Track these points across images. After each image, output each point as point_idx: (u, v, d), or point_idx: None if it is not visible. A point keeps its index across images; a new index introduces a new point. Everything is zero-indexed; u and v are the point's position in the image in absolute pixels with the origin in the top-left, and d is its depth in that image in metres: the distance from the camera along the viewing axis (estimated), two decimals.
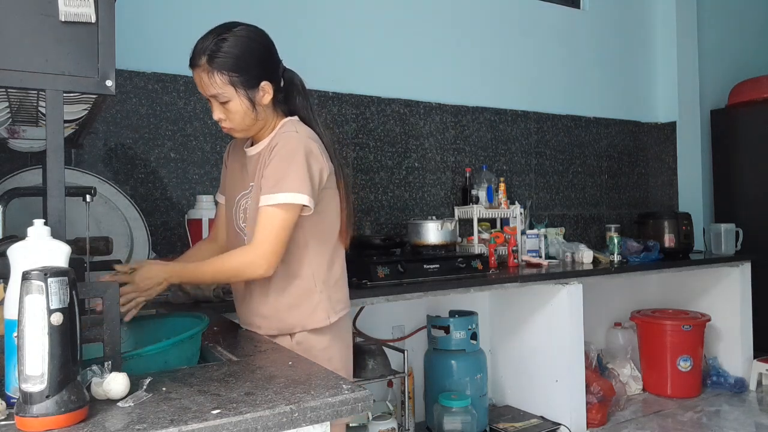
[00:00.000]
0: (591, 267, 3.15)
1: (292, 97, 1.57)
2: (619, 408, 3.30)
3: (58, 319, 0.82)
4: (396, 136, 3.17)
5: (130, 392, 0.94)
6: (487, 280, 2.68)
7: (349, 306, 1.63)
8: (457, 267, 2.66)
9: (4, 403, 0.87)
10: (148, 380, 0.98)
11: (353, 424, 2.47)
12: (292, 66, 1.59)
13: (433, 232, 2.82)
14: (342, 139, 2.99)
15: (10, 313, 0.88)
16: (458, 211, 3.30)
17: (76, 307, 0.86)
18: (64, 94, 1.08)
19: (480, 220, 3.22)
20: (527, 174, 3.66)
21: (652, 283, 3.97)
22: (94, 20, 1.07)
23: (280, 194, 1.41)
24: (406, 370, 2.58)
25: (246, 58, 1.44)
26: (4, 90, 1.18)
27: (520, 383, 3.09)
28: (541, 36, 3.74)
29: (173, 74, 2.54)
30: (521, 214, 3.29)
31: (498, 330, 3.23)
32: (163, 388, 0.99)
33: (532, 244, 3.30)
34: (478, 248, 3.09)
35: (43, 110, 1.28)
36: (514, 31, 3.63)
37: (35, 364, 0.81)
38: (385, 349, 2.62)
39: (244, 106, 1.46)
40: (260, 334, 1.50)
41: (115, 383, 0.93)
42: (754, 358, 3.67)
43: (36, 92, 1.20)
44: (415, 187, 3.23)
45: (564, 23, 3.84)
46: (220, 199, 1.73)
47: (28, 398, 0.81)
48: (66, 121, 1.37)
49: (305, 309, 1.52)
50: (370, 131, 3.09)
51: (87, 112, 1.41)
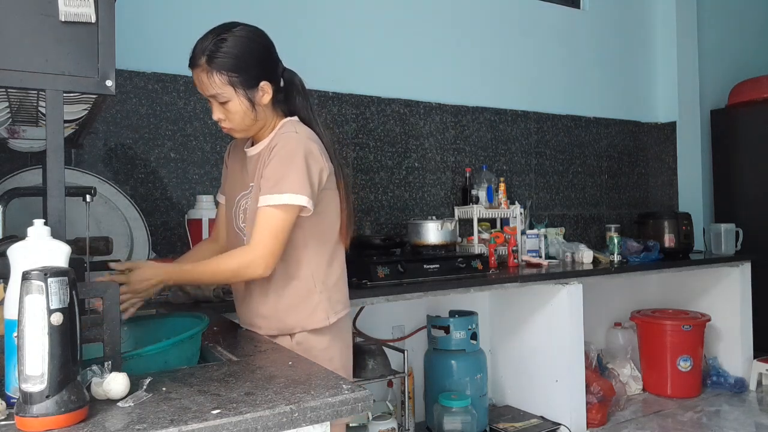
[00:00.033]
0: (591, 267, 3.15)
1: (292, 97, 1.57)
2: (619, 408, 3.30)
3: (58, 319, 0.82)
4: (396, 136, 3.17)
5: (130, 392, 0.94)
6: (487, 280, 2.68)
7: (348, 306, 1.63)
8: (457, 267, 2.66)
9: (4, 403, 0.87)
10: (148, 380, 0.98)
11: (353, 424, 2.47)
12: (292, 66, 1.59)
13: (433, 232, 2.82)
14: (342, 139, 2.99)
15: (10, 313, 0.88)
16: (458, 211, 3.30)
17: (76, 307, 0.86)
18: (64, 94, 1.08)
19: (480, 220, 3.22)
20: (527, 174, 3.66)
21: (652, 283, 3.97)
22: (94, 20, 1.07)
23: (279, 195, 1.41)
24: (406, 370, 2.58)
25: (245, 58, 1.44)
26: (4, 90, 1.18)
27: (520, 383, 3.09)
28: (541, 36, 3.74)
29: (173, 74, 2.54)
30: (521, 214, 3.29)
31: (498, 330, 3.23)
32: (163, 388, 0.99)
33: (532, 244, 3.30)
34: (478, 248, 3.09)
35: (43, 110, 1.28)
36: (514, 31, 3.63)
37: (35, 364, 0.81)
38: (385, 349, 2.62)
39: (244, 106, 1.46)
40: (260, 334, 1.50)
41: (115, 383, 0.93)
42: (754, 358, 3.67)
43: (36, 92, 1.20)
44: (415, 187, 3.22)
45: (564, 23, 3.84)
46: (221, 199, 1.73)
47: (28, 398, 0.81)
48: (66, 121, 1.37)
49: (305, 309, 1.52)
50: (370, 131, 3.09)
51: (87, 112, 1.41)
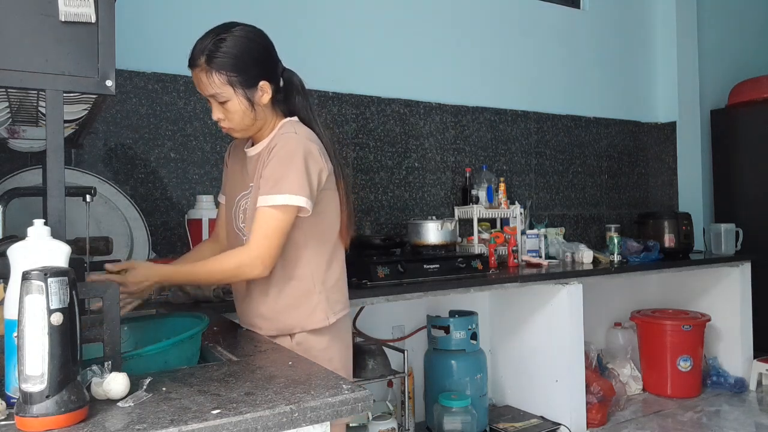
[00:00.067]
0: (591, 267, 3.15)
1: (292, 97, 1.57)
2: (619, 408, 3.30)
3: (58, 319, 0.82)
4: (396, 136, 3.17)
5: (130, 392, 0.94)
6: (487, 280, 2.68)
7: (348, 307, 1.63)
8: (457, 267, 2.66)
9: (4, 403, 0.87)
10: (148, 380, 0.98)
11: (353, 424, 2.47)
12: (292, 66, 1.59)
13: (433, 232, 2.82)
14: (342, 139, 2.99)
15: (10, 313, 0.88)
16: (458, 211, 3.30)
17: (76, 307, 0.86)
18: (64, 94, 1.08)
19: (480, 220, 3.22)
20: (527, 174, 3.65)
21: (652, 283, 3.97)
22: (94, 20, 1.07)
23: (278, 195, 1.41)
24: (406, 370, 2.58)
25: (244, 58, 1.44)
26: (4, 90, 1.18)
27: (520, 383, 3.09)
28: (541, 36, 3.74)
29: (173, 74, 2.54)
30: (521, 214, 3.29)
31: (498, 330, 3.23)
32: (163, 388, 0.99)
33: (532, 244, 3.30)
34: (478, 248, 3.09)
35: (43, 110, 1.28)
36: (514, 31, 3.63)
37: (35, 364, 0.81)
38: (385, 349, 2.62)
39: (243, 106, 1.46)
40: (260, 335, 1.49)
41: (115, 383, 0.93)
42: (754, 358, 3.67)
43: (36, 92, 1.20)
44: (415, 187, 3.22)
45: (564, 23, 3.84)
46: (222, 199, 1.73)
47: (28, 398, 0.81)
48: (66, 121, 1.37)
49: (304, 310, 1.52)
50: (370, 131, 3.08)
51: (87, 112, 1.41)
